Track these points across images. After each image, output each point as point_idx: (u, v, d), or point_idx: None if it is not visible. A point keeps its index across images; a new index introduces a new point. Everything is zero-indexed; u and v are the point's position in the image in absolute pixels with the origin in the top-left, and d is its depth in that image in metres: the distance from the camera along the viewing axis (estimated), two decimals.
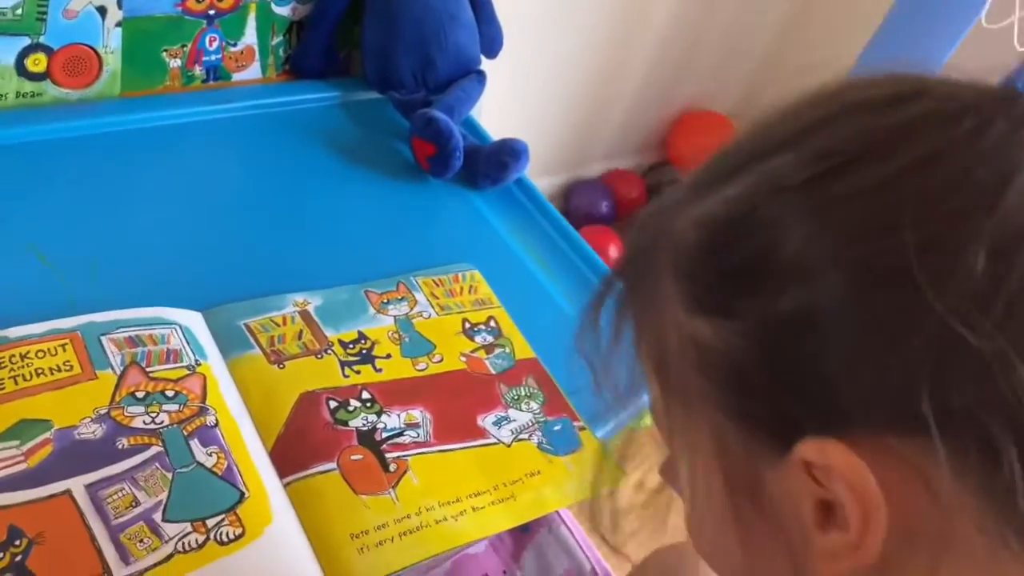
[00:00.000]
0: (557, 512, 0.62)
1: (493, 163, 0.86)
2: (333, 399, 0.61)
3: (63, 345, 0.57)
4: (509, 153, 0.86)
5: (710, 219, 0.29)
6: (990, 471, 0.24)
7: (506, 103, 1.29)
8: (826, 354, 0.26)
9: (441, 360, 0.67)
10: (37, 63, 0.75)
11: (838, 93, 0.30)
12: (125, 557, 0.48)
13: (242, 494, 0.53)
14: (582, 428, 0.66)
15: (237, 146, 0.85)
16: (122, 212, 0.72)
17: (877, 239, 0.25)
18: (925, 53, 1.30)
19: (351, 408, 0.60)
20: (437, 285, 0.74)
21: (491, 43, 0.97)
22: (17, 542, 0.47)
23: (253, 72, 0.90)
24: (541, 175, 1.81)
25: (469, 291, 0.74)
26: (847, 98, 0.29)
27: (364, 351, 0.65)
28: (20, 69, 0.74)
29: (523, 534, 0.62)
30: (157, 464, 0.52)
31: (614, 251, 1.78)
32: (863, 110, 0.28)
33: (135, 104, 0.81)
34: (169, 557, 0.49)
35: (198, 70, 0.85)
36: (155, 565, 0.48)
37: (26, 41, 0.73)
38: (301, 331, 0.65)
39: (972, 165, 0.25)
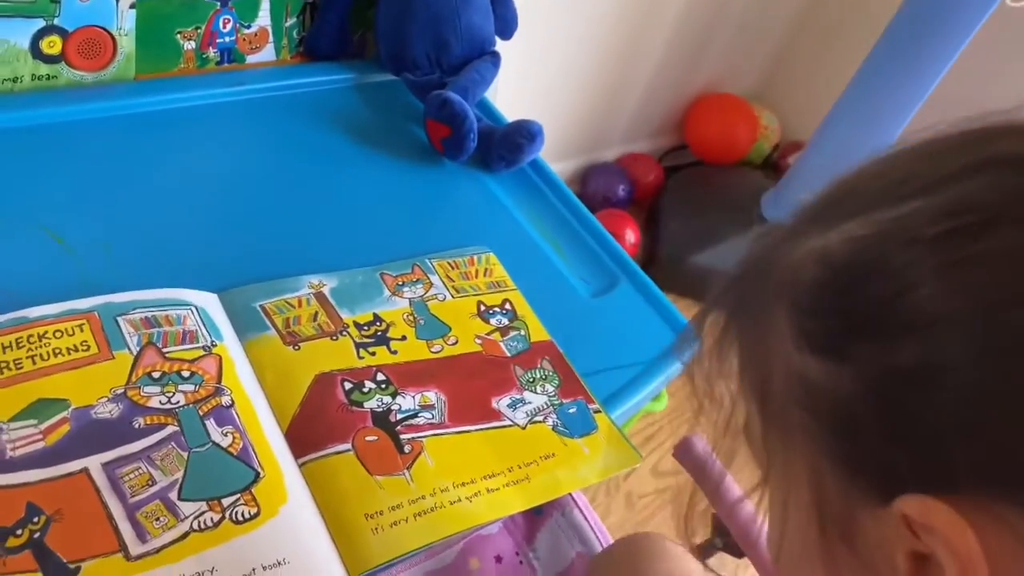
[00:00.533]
0: (572, 497, 0.61)
1: (508, 145, 0.86)
2: (348, 380, 0.61)
3: (80, 325, 0.57)
4: (524, 134, 0.86)
5: (833, 257, 0.29)
6: None
7: (521, 86, 1.28)
8: (943, 414, 0.25)
9: (456, 342, 0.67)
10: (52, 45, 0.75)
11: (987, 141, 0.29)
12: (142, 535, 0.48)
13: (257, 474, 0.53)
14: (597, 411, 0.66)
15: (251, 129, 0.85)
16: (137, 194, 0.72)
17: (1008, 308, 0.25)
18: (948, 33, 1.28)
19: (366, 390, 0.60)
20: (452, 268, 0.73)
21: (506, 25, 0.96)
22: (35, 519, 0.47)
23: (267, 54, 0.90)
24: (558, 160, 1.80)
25: (484, 274, 0.74)
26: (996, 149, 0.28)
27: (379, 333, 0.65)
28: (35, 52, 0.74)
29: (537, 517, 0.62)
30: (173, 443, 0.53)
31: (631, 235, 1.78)
32: (1011, 166, 0.27)
33: (150, 87, 0.81)
34: (185, 535, 0.49)
35: (212, 52, 0.85)
36: (171, 543, 0.48)
37: (41, 23, 0.73)
38: (316, 313, 0.65)
39: None
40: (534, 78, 1.51)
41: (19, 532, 0.46)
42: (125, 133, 0.77)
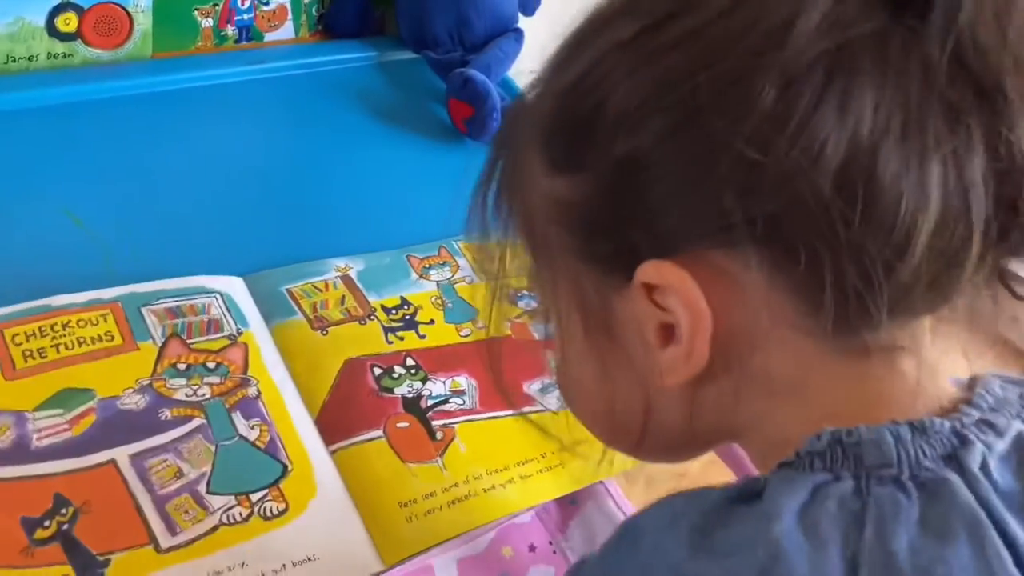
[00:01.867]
0: (605, 487, 0.60)
1: None
2: (377, 366, 0.59)
3: (104, 315, 0.56)
4: None
5: (564, 87, 0.33)
6: (793, 270, 0.28)
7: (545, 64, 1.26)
8: (653, 188, 0.30)
9: (485, 326, 0.65)
10: (68, 23, 0.73)
11: None
12: (172, 528, 0.47)
13: (285, 467, 0.52)
14: None
15: (271, 108, 0.84)
16: (156, 175, 0.71)
17: (683, 84, 0.29)
18: None
19: (396, 375, 0.59)
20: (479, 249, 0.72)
21: (528, 0, 0.94)
22: (63, 510, 0.46)
23: (286, 32, 0.88)
24: None
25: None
26: None
27: (407, 317, 0.64)
28: (51, 29, 0.73)
29: (570, 506, 0.61)
30: (200, 436, 0.52)
31: None
32: None
33: (166, 65, 0.80)
34: (214, 529, 0.48)
35: (230, 30, 0.84)
36: (201, 536, 0.47)
37: (56, 0, 0.72)
38: (343, 297, 0.63)
39: (764, 13, 0.28)
40: None
41: (47, 523, 0.46)
42: (141, 112, 0.76)
